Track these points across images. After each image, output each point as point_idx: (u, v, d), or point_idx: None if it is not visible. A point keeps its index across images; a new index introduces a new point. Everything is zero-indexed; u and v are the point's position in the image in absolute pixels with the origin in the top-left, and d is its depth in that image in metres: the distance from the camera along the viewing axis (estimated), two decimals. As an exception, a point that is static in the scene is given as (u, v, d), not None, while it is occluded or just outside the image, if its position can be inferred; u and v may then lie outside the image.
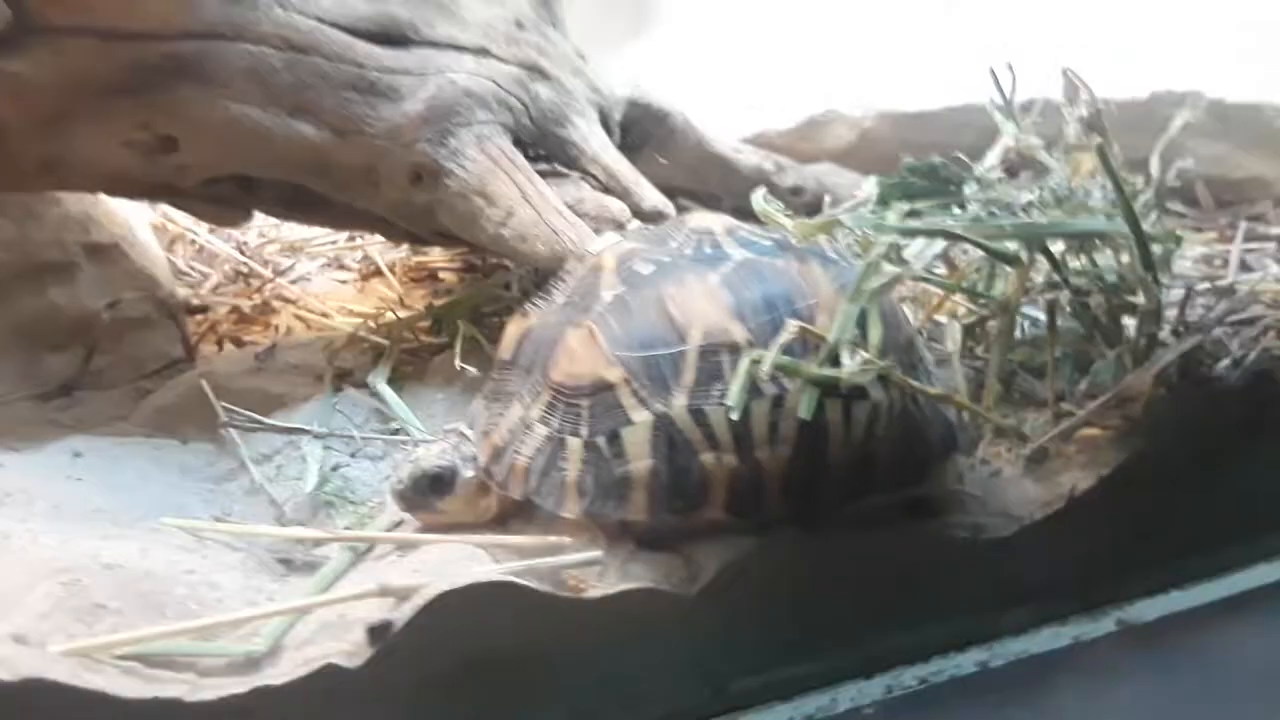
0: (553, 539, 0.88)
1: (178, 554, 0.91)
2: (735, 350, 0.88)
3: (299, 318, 1.39)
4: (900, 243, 0.96)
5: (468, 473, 0.94)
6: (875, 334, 0.89)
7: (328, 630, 0.84)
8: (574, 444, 0.89)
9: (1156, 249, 1.00)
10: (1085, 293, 1.05)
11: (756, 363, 0.87)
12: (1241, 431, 1.08)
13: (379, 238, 1.54)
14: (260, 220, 1.51)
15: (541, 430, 0.90)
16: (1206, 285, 1.15)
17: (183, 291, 1.37)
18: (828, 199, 1.49)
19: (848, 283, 0.95)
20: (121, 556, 0.86)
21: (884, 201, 1.02)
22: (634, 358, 0.88)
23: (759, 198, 1.03)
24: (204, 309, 1.38)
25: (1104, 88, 1.51)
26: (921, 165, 1.05)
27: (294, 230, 1.57)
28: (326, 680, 0.78)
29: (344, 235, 1.56)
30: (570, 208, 1.15)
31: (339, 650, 0.80)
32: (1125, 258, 1.03)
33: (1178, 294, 1.10)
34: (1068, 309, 1.09)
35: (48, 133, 0.98)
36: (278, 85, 1.02)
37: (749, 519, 0.92)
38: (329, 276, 1.52)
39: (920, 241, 0.96)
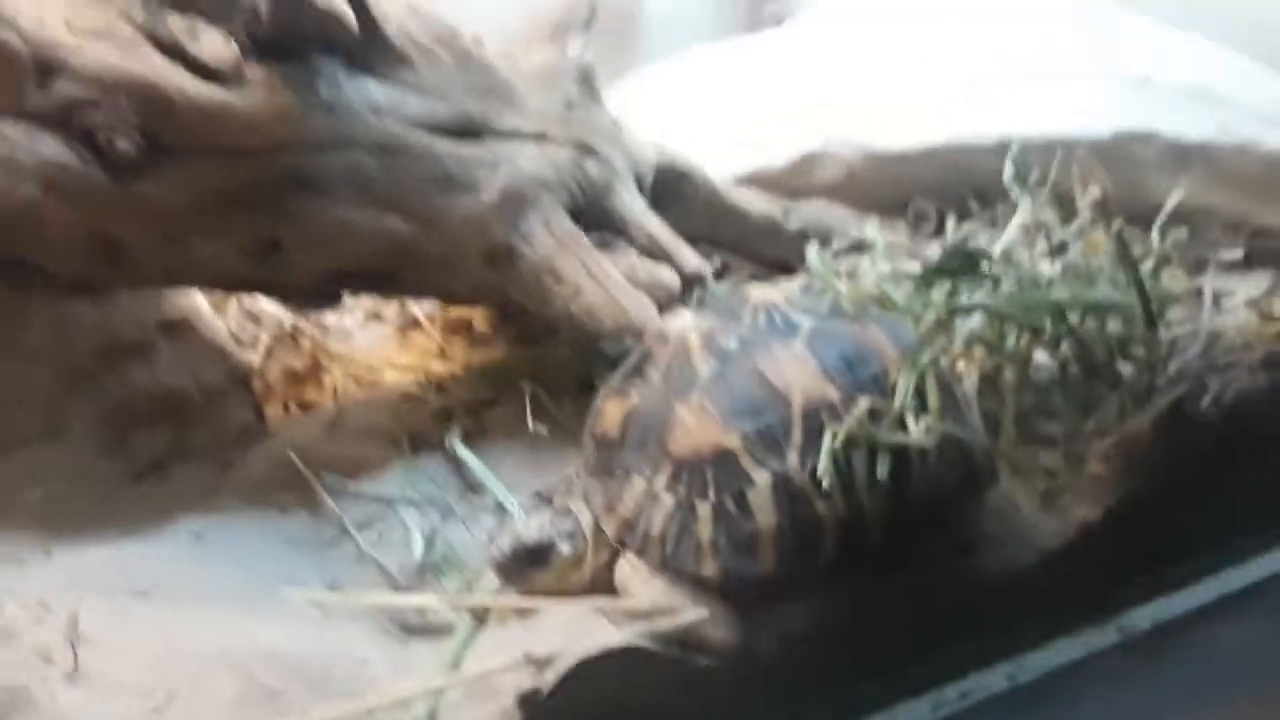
0: (662, 602, 1.00)
1: (317, 629, 1.00)
2: (832, 409, 1.00)
3: (351, 375, 1.46)
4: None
5: (563, 548, 1.03)
6: (934, 400, 1.03)
7: (472, 697, 0.95)
8: (703, 508, 0.99)
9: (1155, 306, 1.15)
10: (1091, 346, 1.20)
11: (835, 435, 0.99)
12: (1221, 459, 1.24)
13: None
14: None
15: (669, 500, 1.00)
16: (1188, 328, 1.31)
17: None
18: (834, 244, 1.62)
19: (901, 339, 1.08)
20: (274, 640, 0.95)
21: (926, 283, 1.14)
22: (746, 424, 0.99)
23: (814, 256, 1.16)
24: (259, 372, 1.45)
25: (1069, 126, 1.69)
26: (954, 249, 1.17)
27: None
28: (487, 746, 0.89)
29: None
30: (626, 277, 1.26)
31: (488, 718, 0.91)
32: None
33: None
34: (1072, 358, 1.24)
35: (170, 246, 1.05)
36: (372, 186, 1.10)
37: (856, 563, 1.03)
38: (370, 331, 1.59)
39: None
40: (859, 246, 1.58)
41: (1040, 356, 1.27)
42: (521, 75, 1.27)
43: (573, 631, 0.96)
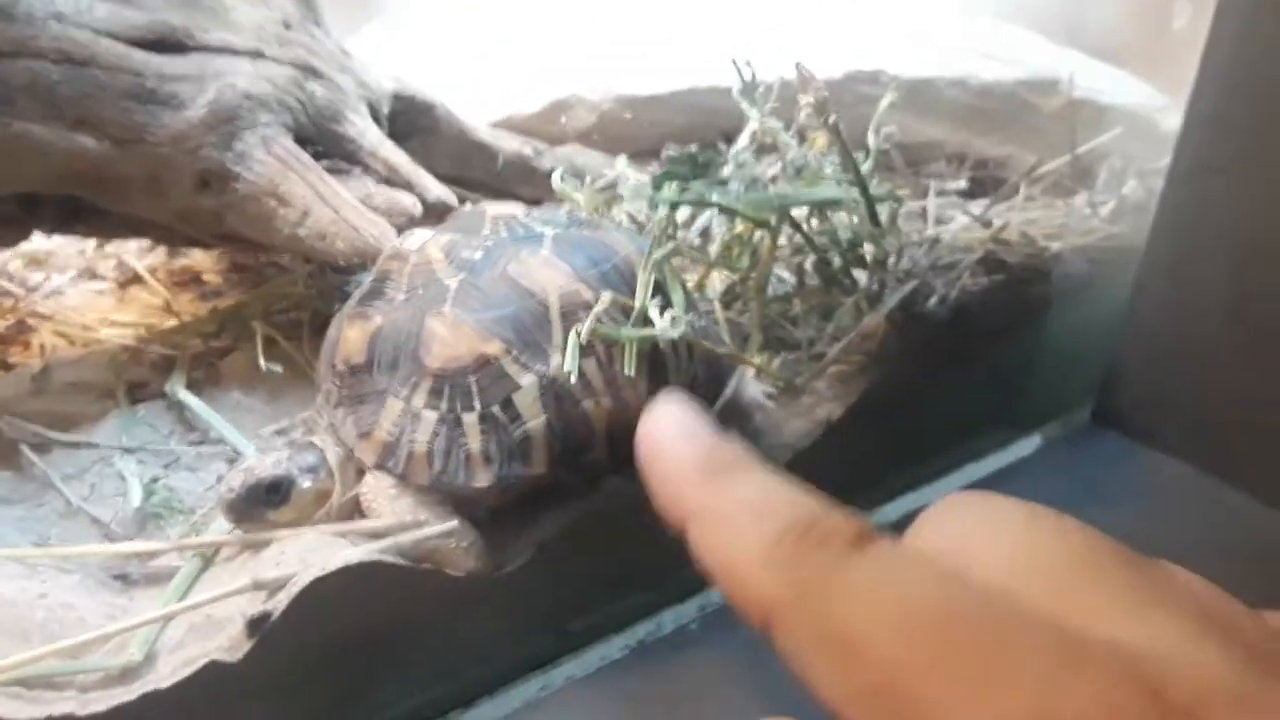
0: (408, 518, 0.95)
1: (20, 582, 0.89)
2: (588, 307, 0.99)
3: (61, 334, 1.33)
4: (676, 219, 1.10)
5: (304, 483, 0.96)
6: (678, 297, 1.03)
7: (197, 632, 0.87)
8: (469, 419, 0.95)
9: (882, 210, 1.20)
10: (825, 251, 1.23)
11: (579, 335, 0.98)
12: (950, 356, 1.31)
13: (132, 243, 1.50)
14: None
15: (431, 415, 0.95)
16: (913, 238, 1.38)
17: (-72, 317, 1.28)
18: (588, 179, 1.61)
19: (639, 244, 1.08)
20: (-36, 592, 0.84)
21: (657, 185, 1.14)
22: (506, 330, 0.96)
23: (557, 178, 1.14)
24: (-48, 333, 1.30)
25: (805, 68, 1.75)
26: (683, 154, 1.18)
27: (36, 242, 1.48)
28: (211, 676, 0.82)
29: (92, 244, 1.50)
30: (362, 203, 1.19)
31: (216, 648, 0.84)
32: (856, 219, 1.22)
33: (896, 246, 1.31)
34: (811, 268, 1.28)
35: None
36: (58, 99, 0.99)
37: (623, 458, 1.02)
38: (83, 288, 1.45)
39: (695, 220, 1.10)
40: (611, 187, 1.58)
41: (780, 272, 1.31)
42: (231, -9, 1.19)
43: (309, 558, 0.89)
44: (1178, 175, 1.40)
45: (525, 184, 1.57)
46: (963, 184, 1.75)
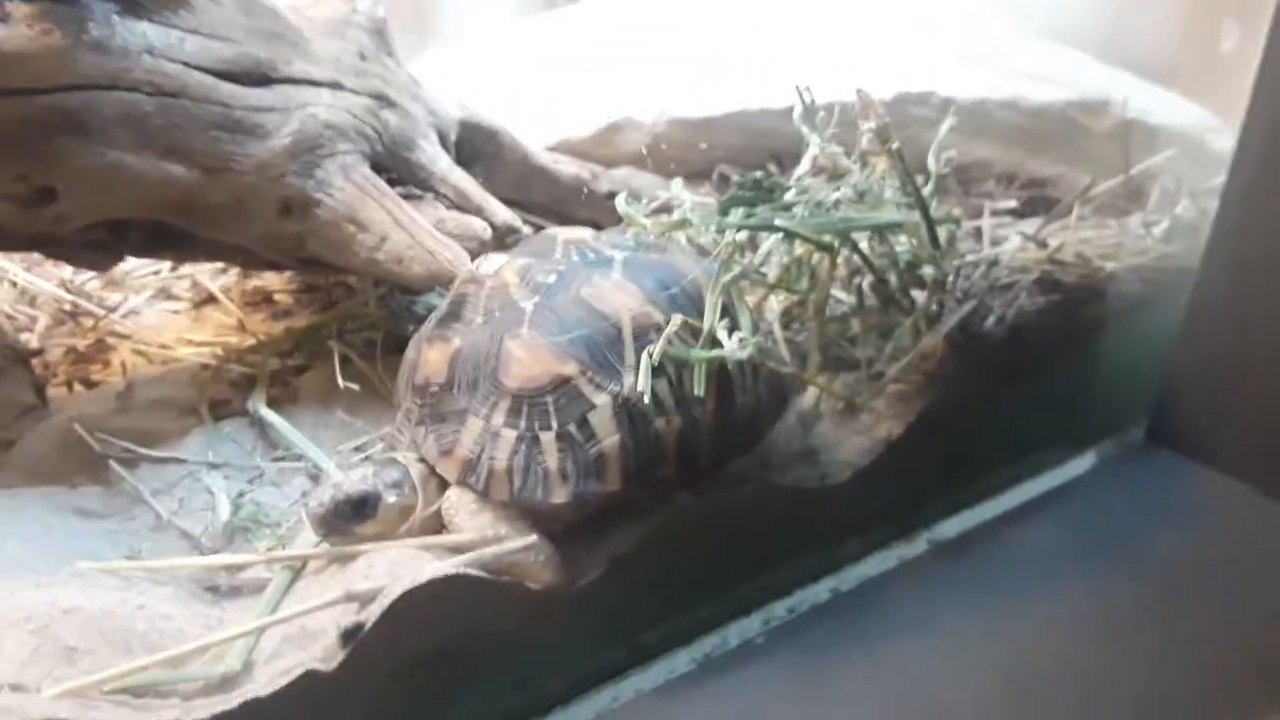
0: (489, 533, 0.98)
1: (118, 594, 0.93)
2: (659, 329, 1.02)
3: (139, 353, 1.38)
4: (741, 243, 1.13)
5: (390, 498, 0.99)
6: (745, 319, 1.06)
7: (291, 643, 0.91)
8: (547, 437, 0.99)
9: (941, 232, 1.22)
10: (883, 272, 1.26)
11: (650, 355, 1.01)
12: (1007, 375, 1.33)
13: (206, 265, 1.54)
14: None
15: (510, 434, 0.99)
16: (970, 258, 1.40)
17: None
18: (644, 200, 1.64)
19: (705, 267, 1.11)
20: (73, 601, 0.88)
21: (724, 210, 1.17)
22: (580, 352, 1.00)
23: (621, 202, 1.17)
24: (38, 352, 1.34)
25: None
26: (748, 179, 1.21)
27: (112, 263, 1.53)
28: (307, 686, 0.85)
29: (168, 265, 1.55)
30: (435, 227, 1.23)
31: (311, 658, 0.87)
32: (915, 241, 1.25)
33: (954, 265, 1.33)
34: (869, 289, 1.30)
35: (-75, 191, 0.96)
36: (149, 129, 1.04)
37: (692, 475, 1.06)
38: (158, 309, 1.50)
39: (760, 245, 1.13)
40: (666, 208, 1.61)
41: (839, 293, 1.34)
42: (310, 23, 1.23)
43: (397, 571, 0.93)
44: (1233, 194, 1.41)
45: (583, 207, 1.61)
46: (1013, 203, 1.77)
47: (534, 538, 0.97)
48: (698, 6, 2.05)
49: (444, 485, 1.02)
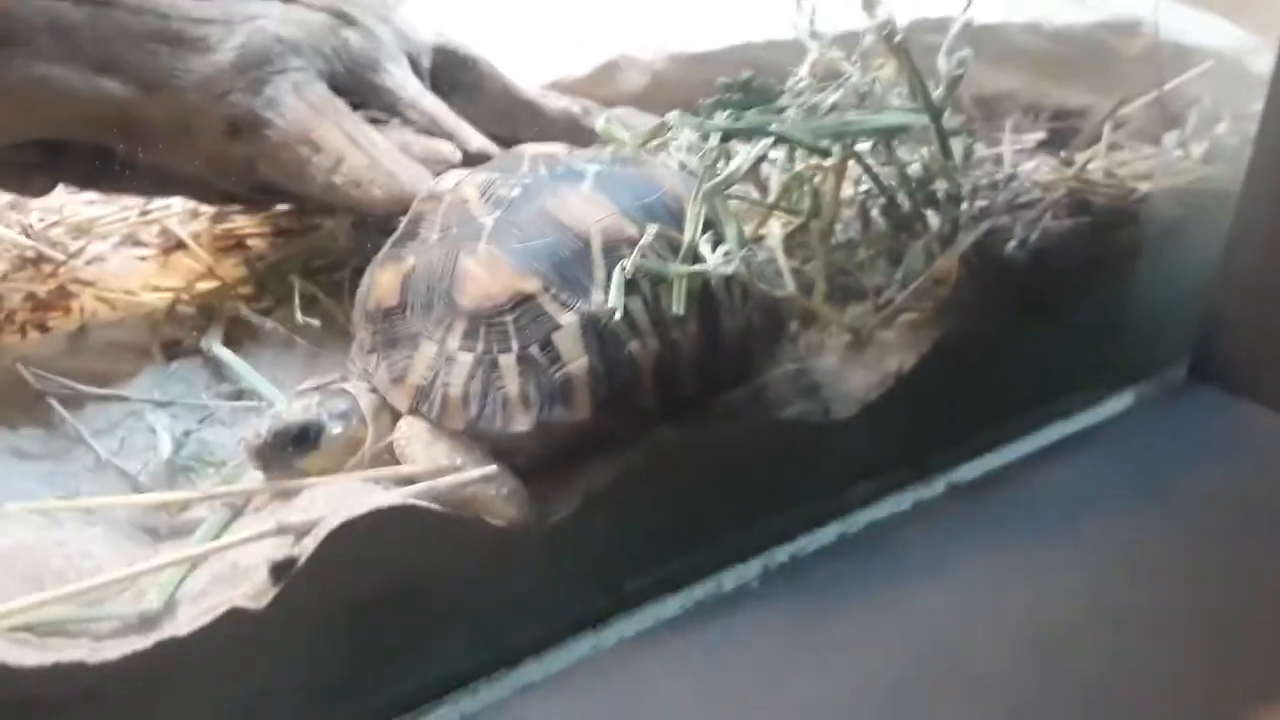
0: (444, 463, 0.89)
1: (41, 533, 0.85)
2: (633, 243, 0.93)
3: (102, 299, 1.31)
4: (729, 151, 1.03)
5: (335, 429, 0.91)
6: (731, 231, 0.96)
7: (221, 581, 0.82)
8: (507, 360, 0.90)
9: (955, 146, 1.11)
10: (892, 190, 1.15)
11: (624, 269, 0.91)
12: (1031, 305, 1.21)
13: (175, 210, 1.47)
14: (41, 203, 1.41)
15: (466, 357, 0.90)
16: (987, 180, 1.29)
17: (-30, 281, 1.26)
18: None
19: (687, 180, 1.02)
20: (-18, 540, 0.80)
21: (708, 113, 1.07)
22: (544, 266, 0.90)
23: (601, 120, 1.08)
24: (-6, 298, 1.28)
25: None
26: (736, 81, 1.11)
27: (79, 210, 1.47)
28: (232, 624, 0.76)
29: (135, 211, 1.47)
30: (400, 151, 1.14)
31: (239, 595, 0.79)
32: (927, 154, 1.14)
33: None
34: (878, 211, 1.19)
35: None
36: (80, 41, 0.96)
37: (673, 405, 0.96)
38: (125, 255, 1.43)
39: (747, 150, 1.02)
40: (660, 129, 1.51)
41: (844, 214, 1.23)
42: (262, -67, 1.15)
43: (341, 503, 0.84)
44: (1274, 113, 1.29)
45: (572, 142, 1.51)
46: (1041, 135, 1.64)
47: (494, 468, 0.88)
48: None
49: (398, 416, 0.93)
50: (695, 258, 0.95)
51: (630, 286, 0.92)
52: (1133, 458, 1.26)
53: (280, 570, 0.78)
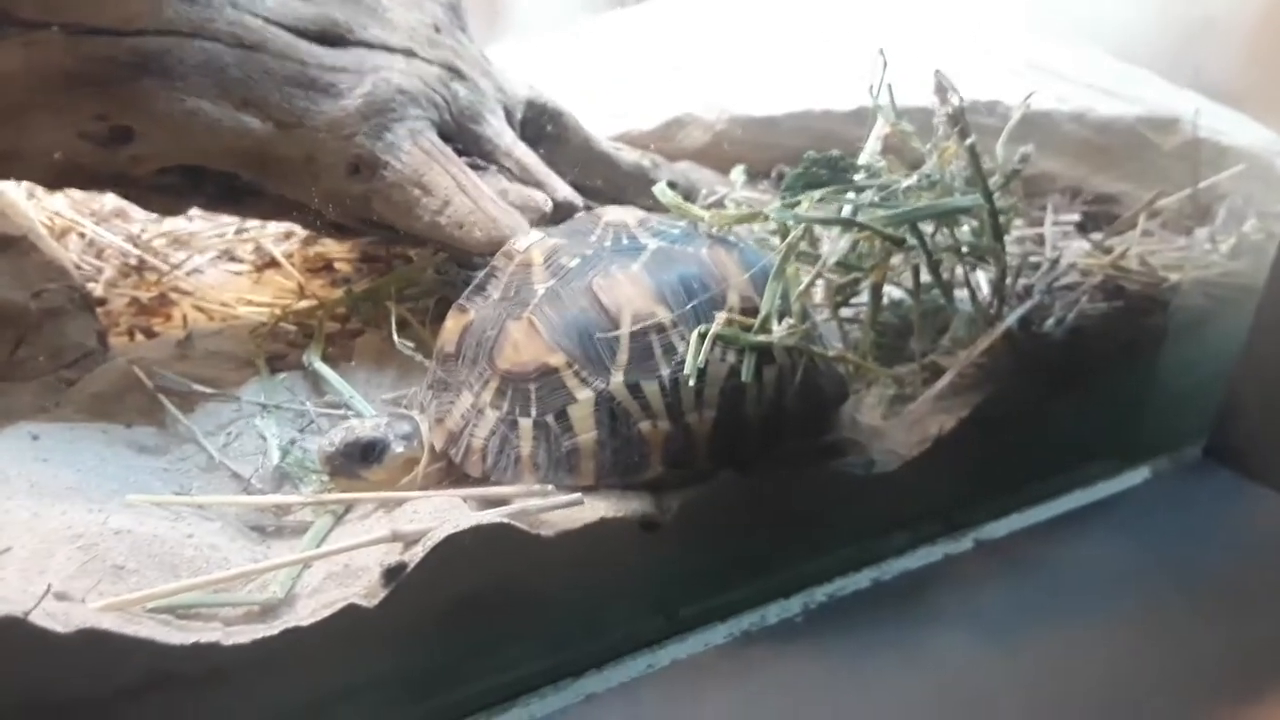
0: (535, 486, 0.98)
1: (168, 523, 0.95)
2: (661, 330, 1.01)
3: (199, 308, 1.41)
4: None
5: (397, 448, 1.02)
6: (798, 306, 1.05)
7: (334, 579, 0.91)
8: (525, 424, 0.99)
9: (1004, 221, 1.21)
10: (941, 260, 1.24)
11: (703, 336, 1.00)
12: (1063, 379, 1.31)
13: (270, 229, 1.58)
14: (143, 214, 1.51)
15: (493, 414, 1.00)
16: (1033, 258, 1.39)
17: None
18: (704, 191, 1.66)
19: (751, 263, 1.09)
20: (124, 524, 0.90)
21: (790, 188, 1.17)
22: (572, 343, 0.99)
23: (662, 189, 1.16)
24: (102, 301, 1.38)
25: (922, 96, 1.78)
26: (821, 157, 1.20)
27: (178, 223, 1.57)
28: (348, 619, 0.86)
29: (232, 228, 1.58)
30: (498, 196, 1.25)
31: (354, 593, 0.88)
32: (977, 233, 1.23)
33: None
34: (929, 278, 1.29)
35: (9, 123, 0.99)
36: (228, 80, 1.07)
37: (686, 471, 1.03)
38: (221, 269, 1.53)
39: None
40: (722, 203, 1.61)
41: (895, 290, 1.32)
42: (388, -8, 1.26)
43: (444, 517, 0.93)
44: (1303, 213, 1.38)
45: (643, 195, 1.61)
46: (1076, 217, 1.75)
47: (578, 494, 0.97)
48: (764, 9, 2.06)
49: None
50: (764, 331, 1.04)
51: (647, 372, 1.00)
52: (1147, 530, 1.35)
53: (392, 573, 0.87)
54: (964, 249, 1.21)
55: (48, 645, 0.74)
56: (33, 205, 1.39)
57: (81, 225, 1.48)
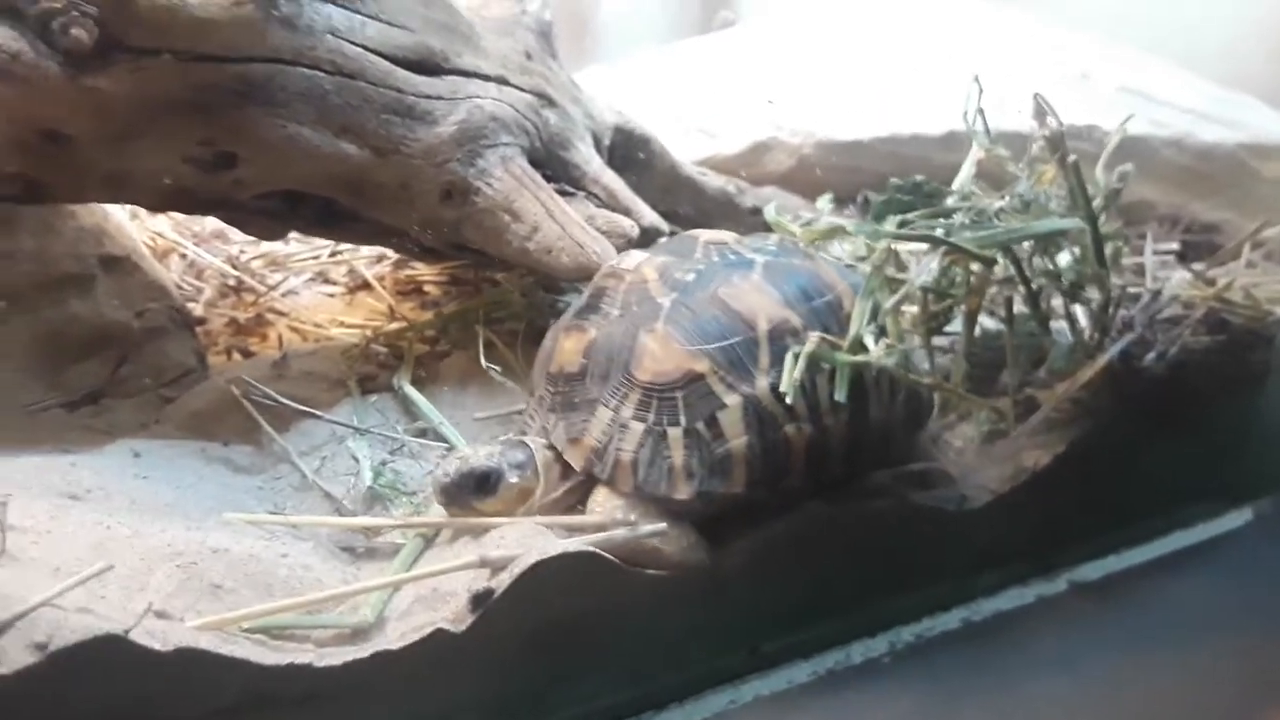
0: (619, 516, 0.98)
1: (264, 542, 0.97)
2: (795, 334, 1.02)
3: (294, 329, 1.44)
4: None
5: (512, 478, 1.01)
6: (893, 326, 1.04)
7: (422, 603, 0.92)
8: (674, 433, 0.98)
9: (1108, 248, 1.18)
10: (1039, 290, 1.21)
11: (797, 355, 1.00)
12: (1164, 415, 1.27)
13: (363, 252, 1.61)
14: (240, 236, 1.55)
15: (638, 426, 0.99)
16: (1134, 289, 1.35)
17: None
18: (788, 218, 1.64)
19: (847, 275, 1.10)
20: (221, 543, 0.92)
21: (879, 216, 1.16)
22: (714, 349, 0.99)
23: (771, 211, 1.17)
24: (202, 321, 1.41)
25: (1014, 119, 1.74)
26: (907, 182, 1.19)
27: (275, 245, 1.60)
28: (436, 644, 0.86)
29: (326, 251, 1.61)
30: (586, 222, 1.25)
31: (441, 618, 0.88)
32: (1078, 259, 1.20)
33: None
34: (1025, 307, 1.26)
35: (118, 147, 1.02)
36: (328, 107, 1.09)
37: (821, 482, 1.04)
38: (315, 290, 1.57)
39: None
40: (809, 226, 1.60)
41: (986, 320, 1.30)
42: (482, 20, 1.28)
43: (531, 544, 0.93)
44: None
45: (728, 220, 1.61)
46: (1175, 246, 1.69)
47: (664, 525, 0.97)
48: (851, 33, 2.04)
49: (567, 472, 1.03)
50: (859, 349, 1.04)
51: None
52: (1248, 574, 1.30)
53: (479, 599, 0.88)
54: (1064, 276, 1.17)
55: (148, 664, 0.76)
56: (135, 226, 1.43)
57: (183, 246, 1.53)
